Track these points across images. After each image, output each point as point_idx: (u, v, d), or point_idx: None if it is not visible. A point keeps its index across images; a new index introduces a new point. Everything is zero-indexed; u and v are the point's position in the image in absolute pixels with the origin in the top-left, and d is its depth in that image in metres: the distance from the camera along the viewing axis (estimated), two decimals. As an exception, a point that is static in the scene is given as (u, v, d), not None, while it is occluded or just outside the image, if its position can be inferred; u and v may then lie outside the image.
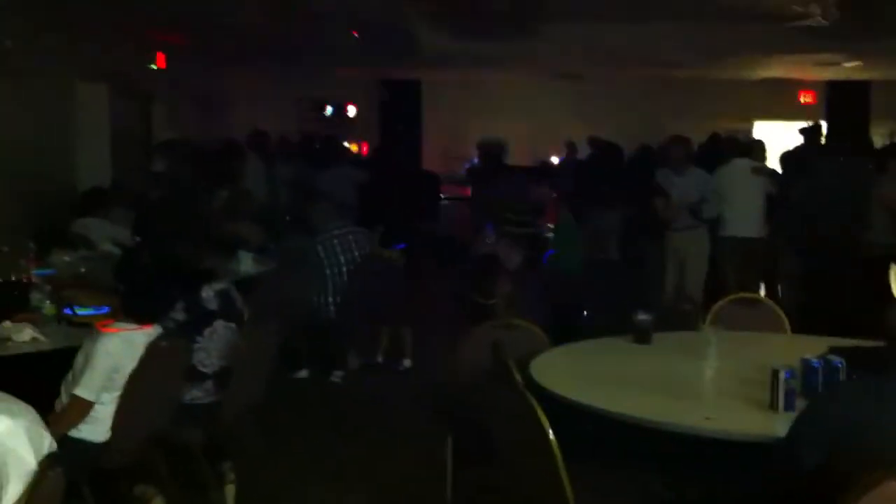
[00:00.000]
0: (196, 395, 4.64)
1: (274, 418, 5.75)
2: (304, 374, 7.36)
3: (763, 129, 15.74)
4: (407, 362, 7.83)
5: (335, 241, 7.33)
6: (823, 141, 10.58)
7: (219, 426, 4.62)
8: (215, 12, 9.99)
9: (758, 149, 9.35)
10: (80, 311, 4.85)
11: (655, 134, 11.35)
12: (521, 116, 16.55)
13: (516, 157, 12.66)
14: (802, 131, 9.97)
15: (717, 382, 3.93)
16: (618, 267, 8.60)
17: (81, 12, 9.26)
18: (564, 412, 3.56)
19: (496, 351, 4.28)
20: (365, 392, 7.27)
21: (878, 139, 13.70)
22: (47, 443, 2.46)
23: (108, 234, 7.70)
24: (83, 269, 6.57)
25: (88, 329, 4.45)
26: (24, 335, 4.45)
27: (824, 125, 14.06)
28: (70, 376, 4.04)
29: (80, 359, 4.03)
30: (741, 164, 8.79)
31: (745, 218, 8.56)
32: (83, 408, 3.92)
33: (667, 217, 8.41)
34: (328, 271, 7.29)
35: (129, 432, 4.02)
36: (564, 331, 5.04)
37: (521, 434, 3.46)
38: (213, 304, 4.81)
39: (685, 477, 3.64)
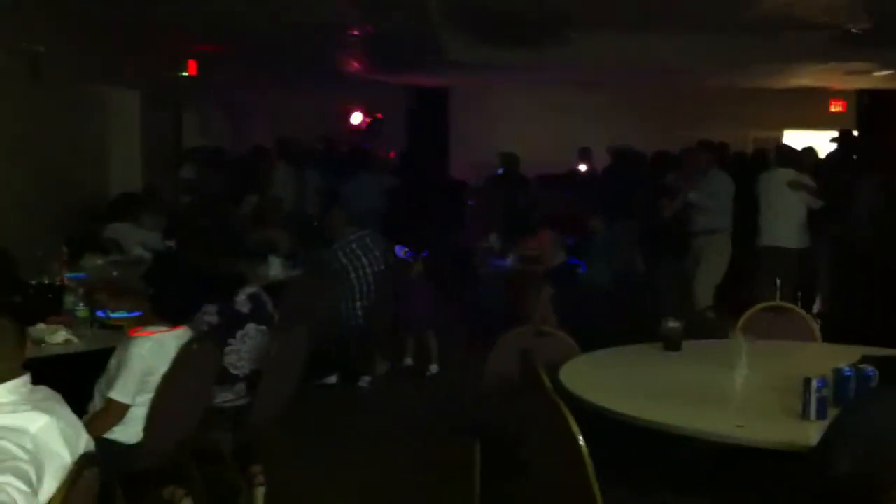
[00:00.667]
0: (227, 397, 4.67)
1: (303, 423, 5.77)
2: (332, 379, 7.39)
3: (793, 138, 15.64)
4: (434, 368, 7.84)
5: (353, 245, 7.37)
6: (855, 150, 10.52)
7: (249, 429, 4.65)
8: (248, 22, 10.07)
9: (807, 157, 9.19)
10: (113, 314, 4.89)
11: (683, 143, 11.33)
12: (548, 123, 16.55)
13: (541, 164, 12.71)
14: (835, 140, 9.88)
15: (748, 391, 3.90)
16: (644, 280, 8.60)
17: (114, 19, 9.36)
18: (595, 420, 3.56)
19: (526, 358, 4.28)
20: (393, 398, 7.29)
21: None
22: (83, 442, 2.49)
23: (139, 239, 7.79)
24: (115, 273, 6.64)
25: (121, 332, 4.51)
26: (58, 337, 4.52)
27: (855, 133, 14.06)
28: (103, 380, 4.08)
29: (113, 362, 4.07)
30: (783, 174, 8.61)
31: (782, 227, 8.46)
32: (119, 411, 3.96)
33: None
34: (353, 275, 7.32)
35: (161, 434, 4.05)
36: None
37: (551, 442, 3.45)
38: (245, 308, 4.85)
39: (716, 486, 3.63)
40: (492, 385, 4.58)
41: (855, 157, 9.94)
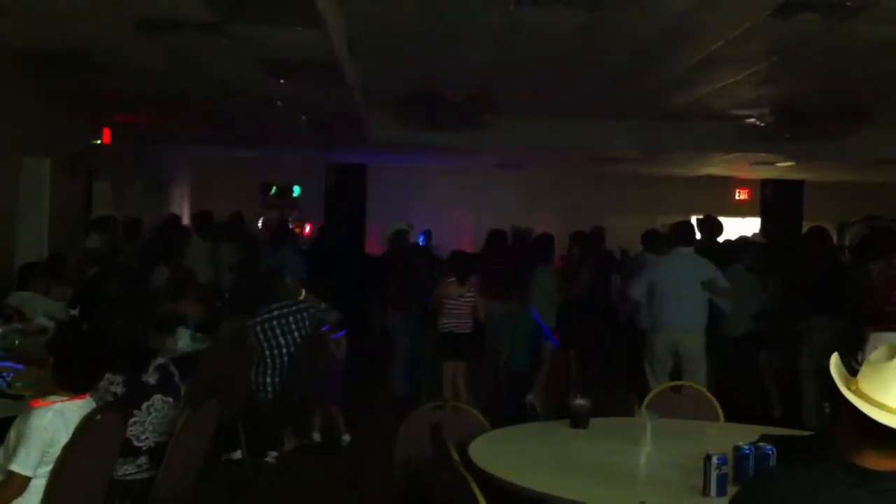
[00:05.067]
0: (128, 470, 4.56)
1: (208, 499, 5.65)
2: (237, 455, 7.23)
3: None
4: (346, 437, 7.80)
5: (274, 321, 7.26)
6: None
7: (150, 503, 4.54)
8: (166, 94, 10.08)
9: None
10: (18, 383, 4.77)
11: (595, 223, 11.61)
12: (464, 202, 16.83)
13: (459, 241, 12.83)
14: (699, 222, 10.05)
15: (651, 468, 3.97)
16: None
17: (28, 85, 9.28)
18: (503, 497, 3.58)
19: (435, 433, 4.29)
20: (302, 474, 7.18)
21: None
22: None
23: (43, 308, 7.62)
24: (16, 342, 6.50)
25: (23, 400, 4.39)
26: (-43, 405, 4.37)
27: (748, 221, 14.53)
28: (2, 451, 3.96)
29: (12, 434, 3.95)
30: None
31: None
32: (20, 483, 3.84)
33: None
34: (267, 352, 7.22)
35: (60, 507, 3.93)
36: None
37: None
38: (152, 379, 4.77)
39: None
40: (402, 459, 4.57)
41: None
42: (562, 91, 9.95)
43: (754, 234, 13.01)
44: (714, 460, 3.49)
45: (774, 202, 17.13)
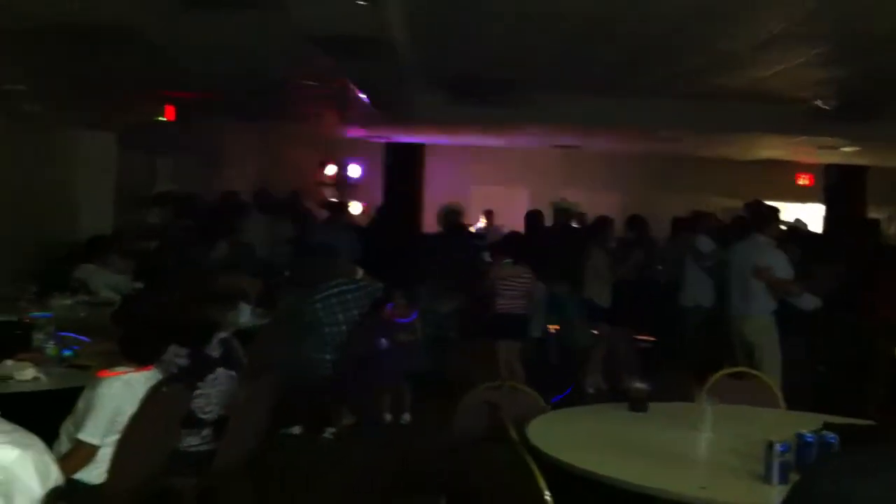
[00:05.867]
0: (193, 442, 4.65)
1: (266, 471, 5.73)
2: (296, 430, 7.33)
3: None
4: (406, 416, 7.86)
5: (333, 299, 7.33)
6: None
7: (212, 475, 4.62)
8: (227, 71, 10.15)
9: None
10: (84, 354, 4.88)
11: (647, 206, 11.53)
12: (521, 183, 16.79)
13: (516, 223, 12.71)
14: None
15: (712, 453, 3.95)
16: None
17: (95, 63, 9.42)
18: (560, 477, 3.59)
19: (493, 412, 4.31)
20: (357, 451, 7.25)
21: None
22: (54, 476, 2.49)
23: (107, 281, 7.77)
24: (82, 314, 6.64)
25: (89, 371, 4.49)
26: (26, 374, 4.49)
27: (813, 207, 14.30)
28: (71, 420, 4.06)
29: (80, 404, 4.05)
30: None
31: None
32: (89, 452, 3.94)
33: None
34: (326, 329, 7.29)
35: (126, 476, 4.02)
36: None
37: (516, 495, 3.47)
38: (215, 352, 4.85)
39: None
40: (459, 439, 4.59)
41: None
42: (612, 69, 9.83)
43: (796, 220, 12.83)
44: (776, 448, 3.46)
45: (838, 188, 16.81)
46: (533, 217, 10.86)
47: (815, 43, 7.97)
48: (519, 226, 11.02)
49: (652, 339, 10.01)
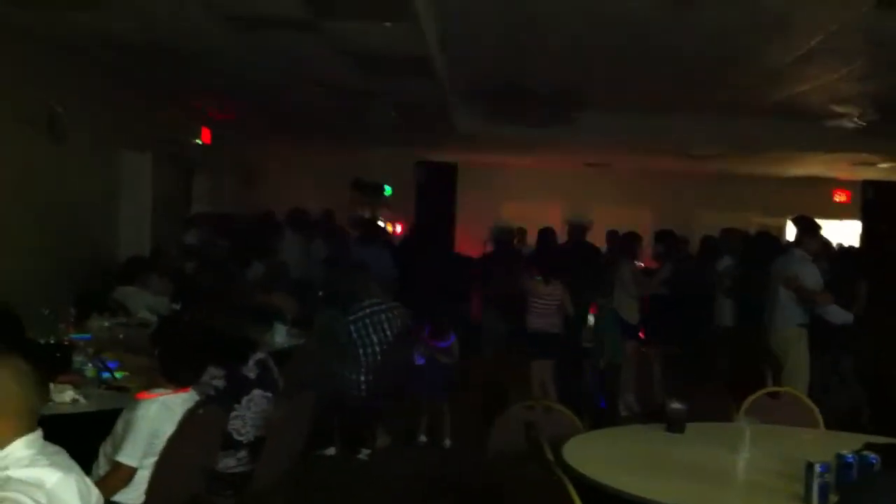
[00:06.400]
0: (230, 464, 4.67)
1: (302, 492, 5.74)
2: (331, 451, 7.33)
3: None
4: (448, 442, 7.80)
5: (367, 320, 7.33)
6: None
7: (250, 496, 4.64)
8: (262, 92, 10.26)
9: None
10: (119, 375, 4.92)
11: (685, 223, 11.44)
12: (554, 200, 16.76)
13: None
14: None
15: (750, 474, 3.92)
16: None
17: (134, 83, 9.56)
18: (597, 498, 3.57)
19: (529, 432, 4.30)
20: (392, 472, 7.23)
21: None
22: (94, 498, 2.52)
23: (145, 303, 7.83)
24: (121, 336, 6.69)
25: (127, 393, 4.53)
26: (65, 396, 4.53)
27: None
28: (109, 443, 4.09)
29: (119, 426, 4.09)
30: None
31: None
32: (127, 474, 3.97)
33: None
34: (360, 350, 7.30)
35: (164, 498, 4.04)
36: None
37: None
38: (252, 373, 4.88)
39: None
40: (495, 459, 4.58)
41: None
42: (650, 86, 9.82)
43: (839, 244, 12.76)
44: (816, 468, 3.43)
45: (874, 204, 16.63)
46: (545, 234, 10.80)
47: (851, 58, 7.94)
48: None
49: (683, 354, 9.91)
